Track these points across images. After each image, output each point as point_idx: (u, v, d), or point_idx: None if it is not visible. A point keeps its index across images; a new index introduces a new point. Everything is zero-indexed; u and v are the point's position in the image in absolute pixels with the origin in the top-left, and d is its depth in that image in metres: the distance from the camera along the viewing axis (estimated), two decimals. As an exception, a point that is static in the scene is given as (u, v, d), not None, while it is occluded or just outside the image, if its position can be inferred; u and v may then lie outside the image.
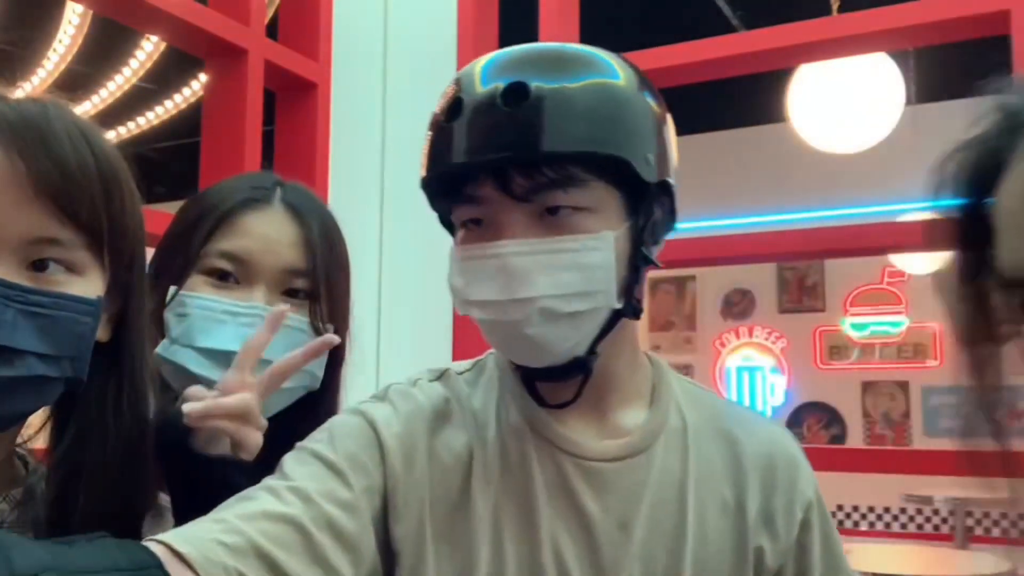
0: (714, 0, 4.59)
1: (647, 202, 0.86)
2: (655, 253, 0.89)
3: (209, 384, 0.91)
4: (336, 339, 0.94)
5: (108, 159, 0.72)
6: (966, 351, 0.72)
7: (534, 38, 2.02)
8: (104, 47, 5.06)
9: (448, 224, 0.93)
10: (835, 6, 3.40)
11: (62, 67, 5.33)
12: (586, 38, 2.15)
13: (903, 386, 6.08)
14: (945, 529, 5.80)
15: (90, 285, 0.70)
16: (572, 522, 0.87)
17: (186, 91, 5.71)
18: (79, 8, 4.61)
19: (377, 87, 2.22)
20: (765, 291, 6.51)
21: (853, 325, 6.17)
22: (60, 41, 5.03)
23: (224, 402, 0.84)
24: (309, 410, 1.02)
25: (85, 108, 5.85)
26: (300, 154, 2.03)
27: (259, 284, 0.99)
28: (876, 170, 5.40)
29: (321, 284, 1.01)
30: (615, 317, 0.86)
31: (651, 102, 0.88)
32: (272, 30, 2.02)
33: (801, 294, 6.41)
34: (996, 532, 5.78)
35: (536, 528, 0.86)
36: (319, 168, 2.02)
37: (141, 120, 6.16)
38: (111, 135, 6.33)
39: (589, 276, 0.82)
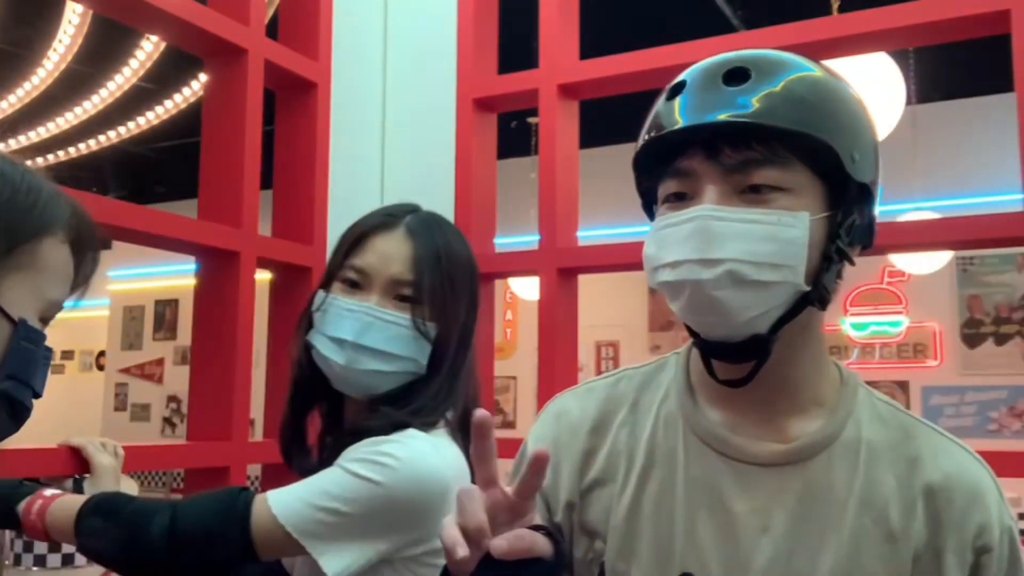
0: (714, 0, 4.59)
1: (848, 200, 0.88)
2: (851, 254, 0.90)
3: (327, 361, 1.24)
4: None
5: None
6: None
7: (534, 38, 2.02)
8: (104, 47, 5.06)
9: (648, 208, 0.96)
10: (835, 6, 3.40)
11: (62, 67, 5.33)
12: (586, 38, 2.15)
13: (903, 386, 6.09)
14: (945, 529, 5.80)
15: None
16: (714, 516, 0.89)
17: (186, 91, 5.71)
18: (79, 8, 4.62)
19: (377, 87, 2.22)
20: (765, 291, 6.49)
21: (853, 325, 6.17)
22: (60, 41, 5.03)
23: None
24: (416, 392, 1.26)
25: (85, 108, 5.85)
26: (300, 154, 2.03)
27: (375, 290, 1.24)
28: (876, 170, 5.40)
29: (424, 293, 1.24)
30: (801, 303, 0.87)
31: (868, 115, 0.92)
32: (272, 30, 2.02)
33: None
34: (996, 532, 5.77)
35: (671, 516, 0.91)
36: (319, 168, 2.02)
37: (141, 120, 6.16)
38: (111, 135, 6.33)
39: (782, 249, 0.84)
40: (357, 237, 1.27)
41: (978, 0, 1.61)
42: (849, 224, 0.88)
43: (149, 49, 5.08)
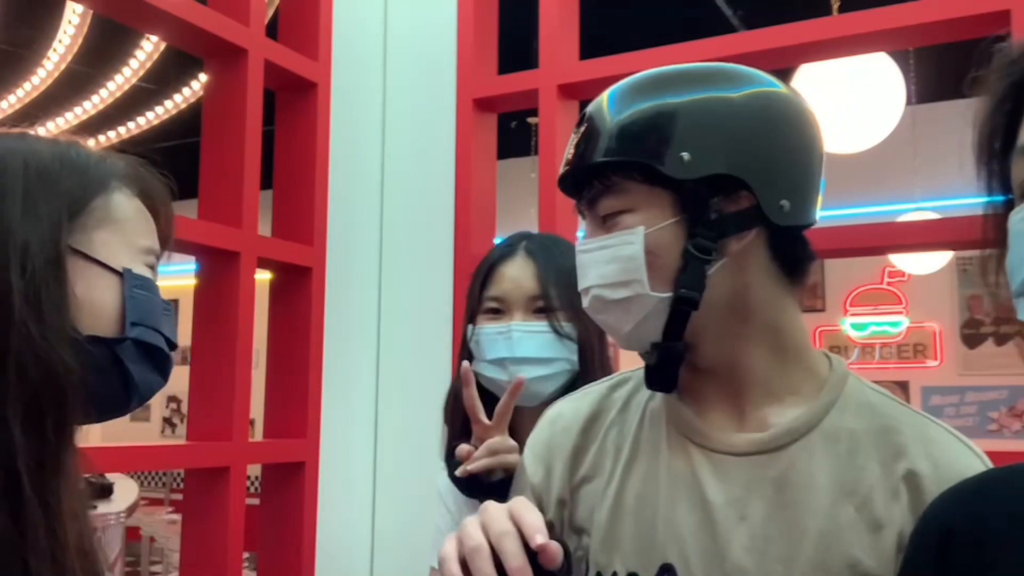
0: (714, 0, 4.59)
1: (698, 198, 0.90)
2: (731, 247, 0.90)
3: (494, 382, 1.42)
4: (521, 379, 1.33)
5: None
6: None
7: (534, 38, 2.02)
8: (104, 47, 5.06)
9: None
10: (835, 6, 3.40)
11: (62, 67, 5.33)
12: (586, 38, 2.15)
13: (903, 386, 6.09)
14: (945, 529, 5.79)
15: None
16: (693, 507, 0.91)
17: (186, 91, 5.70)
18: (79, 8, 4.62)
19: (377, 87, 2.22)
20: (765, 291, 6.48)
21: (853, 325, 6.17)
22: (60, 41, 5.03)
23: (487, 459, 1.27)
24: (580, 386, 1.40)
25: (85, 108, 5.85)
26: (300, 154, 2.03)
27: (515, 311, 1.43)
28: (876, 170, 5.41)
29: (555, 302, 1.41)
30: (680, 307, 0.90)
31: (716, 104, 0.92)
32: (272, 30, 2.02)
33: (801, 294, 6.40)
34: (996, 532, 5.77)
35: (654, 508, 0.93)
36: (319, 168, 2.02)
37: (141, 120, 6.15)
38: (111, 135, 6.33)
39: (624, 267, 0.91)
40: (487, 271, 1.46)
41: (978, 0, 1.61)
42: (707, 220, 0.89)
43: (149, 49, 5.08)
